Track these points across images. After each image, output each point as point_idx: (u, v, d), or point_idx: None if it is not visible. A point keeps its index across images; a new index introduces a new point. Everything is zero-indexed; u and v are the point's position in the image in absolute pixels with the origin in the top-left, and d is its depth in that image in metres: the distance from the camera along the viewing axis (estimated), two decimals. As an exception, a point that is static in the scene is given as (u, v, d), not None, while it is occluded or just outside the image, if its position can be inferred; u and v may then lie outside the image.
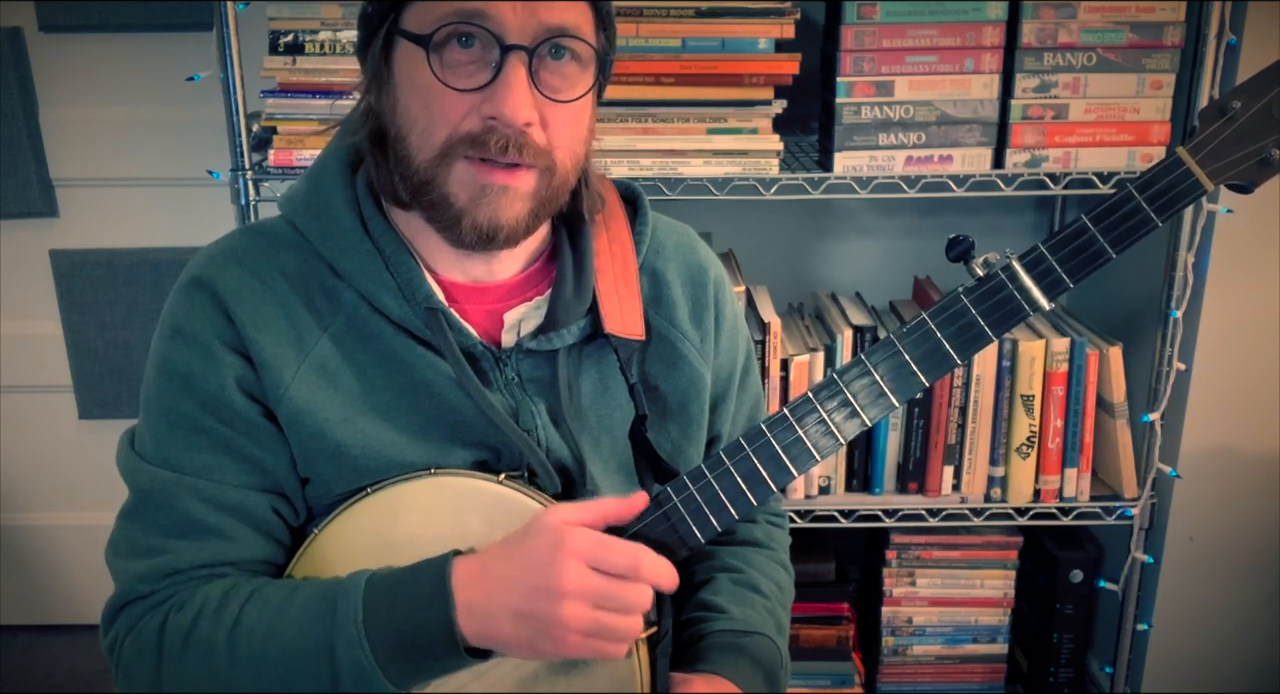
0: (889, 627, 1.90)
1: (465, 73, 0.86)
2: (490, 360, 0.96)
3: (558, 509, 0.85)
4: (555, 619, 0.81)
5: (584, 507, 0.86)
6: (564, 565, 0.81)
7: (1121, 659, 1.78)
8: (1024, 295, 0.87)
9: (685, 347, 1.04)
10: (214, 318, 0.92)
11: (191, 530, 0.91)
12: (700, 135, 1.56)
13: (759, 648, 1.03)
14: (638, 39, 1.53)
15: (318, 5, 1.53)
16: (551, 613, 0.81)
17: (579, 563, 0.81)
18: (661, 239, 1.06)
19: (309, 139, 1.54)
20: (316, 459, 0.93)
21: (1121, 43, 1.56)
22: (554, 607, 0.81)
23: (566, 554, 0.81)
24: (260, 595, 0.89)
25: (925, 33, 1.54)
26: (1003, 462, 1.71)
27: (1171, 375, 1.65)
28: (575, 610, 0.81)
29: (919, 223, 2.01)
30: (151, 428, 0.93)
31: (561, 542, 0.82)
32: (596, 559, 0.82)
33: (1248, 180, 0.88)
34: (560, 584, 0.81)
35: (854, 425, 0.90)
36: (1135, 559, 1.72)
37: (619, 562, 0.82)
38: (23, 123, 2.02)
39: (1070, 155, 1.59)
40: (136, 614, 0.91)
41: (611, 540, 0.83)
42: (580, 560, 0.82)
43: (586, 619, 0.81)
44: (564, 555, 0.81)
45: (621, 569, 0.82)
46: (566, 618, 0.81)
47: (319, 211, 0.95)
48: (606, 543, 0.83)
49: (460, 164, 0.88)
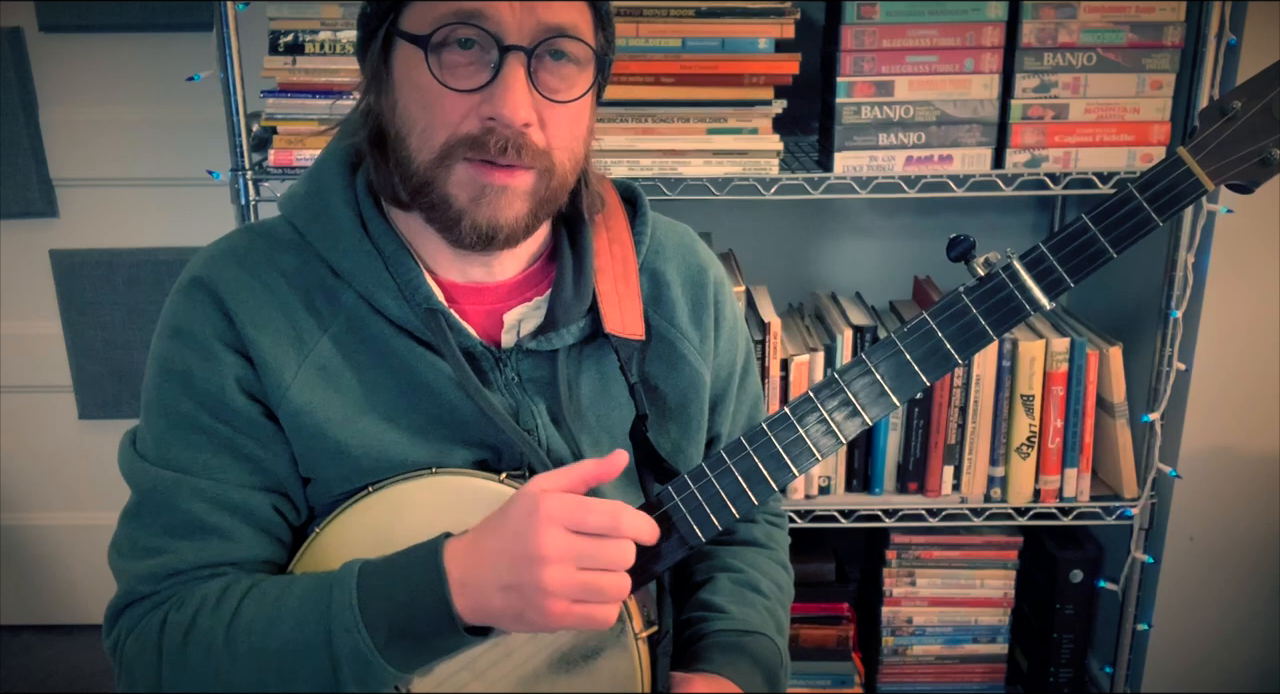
0: (889, 627, 1.90)
1: (464, 74, 0.86)
2: (490, 361, 0.96)
3: (537, 478, 0.85)
4: (539, 586, 0.80)
5: (562, 472, 0.85)
6: (541, 531, 0.80)
7: (1121, 659, 1.78)
8: (1025, 295, 0.88)
9: (685, 347, 1.04)
10: (214, 318, 0.92)
11: (193, 530, 0.91)
12: (700, 135, 1.56)
13: (759, 648, 1.03)
14: (638, 39, 1.53)
15: (318, 5, 1.53)
16: (535, 580, 0.80)
17: (556, 527, 0.81)
18: (661, 239, 1.07)
19: (309, 139, 1.54)
20: (317, 459, 0.93)
21: (1121, 43, 1.56)
22: (536, 573, 0.80)
23: (542, 520, 0.81)
24: (257, 590, 0.89)
25: (925, 33, 1.54)
26: (1003, 462, 1.71)
27: (1171, 375, 1.65)
28: (558, 574, 0.80)
29: (919, 223, 2.01)
30: (152, 428, 0.93)
31: (536, 508, 0.81)
32: (574, 521, 0.81)
33: (1248, 180, 0.88)
34: (539, 551, 0.80)
35: (855, 425, 0.90)
36: (1135, 559, 1.72)
37: (597, 521, 0.81)
38: (23, 123, 2.03)
39: (1070, 155, 1.59)
40: (138, 614, 0.91)
41: (588, 501, 0.82)
42: (558, 525, 0.81)
43: (571, 582, 0.80)
44: (540, 521, 0.81)
45: (601, 528, 0.81)
46: (550, 583, 0.80)
47: (319, 212, 0.95)
48: (583, 504, 0.82)
49: (460, 165, 0.88)
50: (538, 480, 0.84)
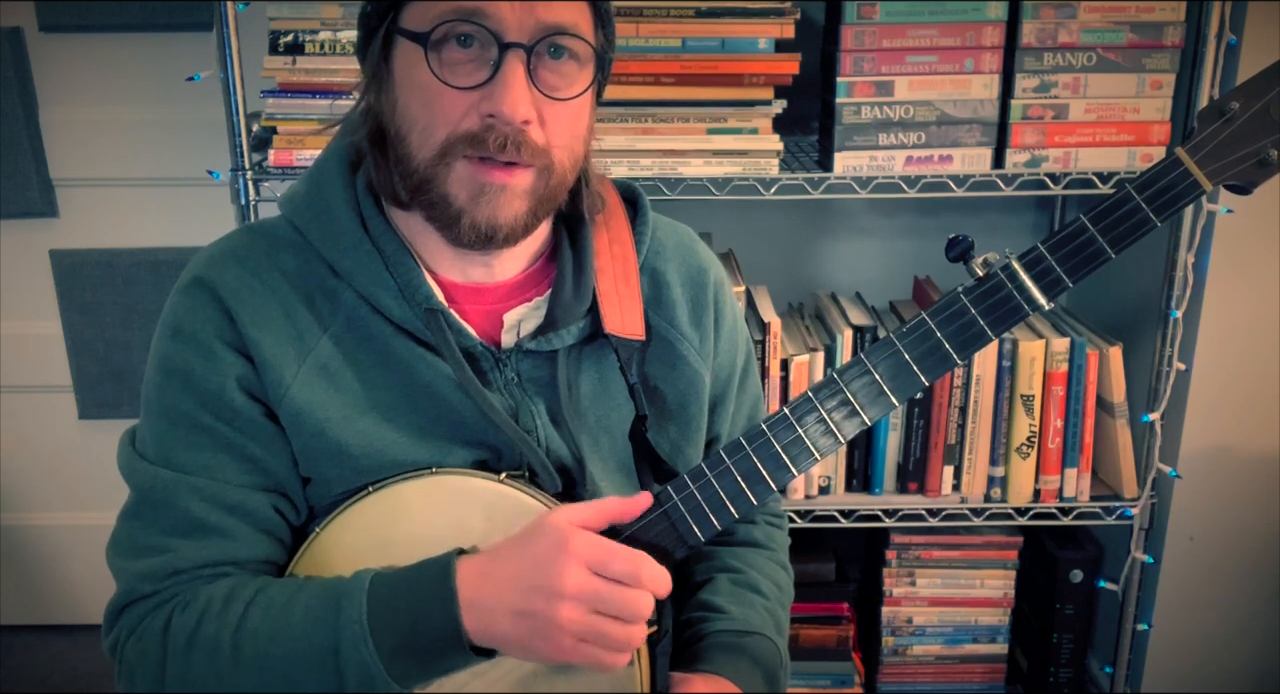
0: (889, 627, 1.90)
1: (464, 71, 0.87)
2: (490, 361, 0.96)
3: (563, 510, 0.86)
4: (552, 620, 0.81)
5: (587, 507, 0.87)
6: (565, 567, 0.81)
7: (1121, 659, 1.78)
8: (1023, 295, 0.88)
9: (684, 347, 1.04)
10: (214, 317, 0.92)
11: (193, 530, 0.91)
12: (700, 135, 1.56)
13: (759, 648, 1.03)
14: (638, 39, 1.53)
15: (318, 5, 1.53)
16: (550, 613, 0.81)
17: (580, 565, 0.82)
18: (661, 239, 1.07)
19: (309, 139, 1.54)
20: (317, 459, 0.93)
21: (1121, 43, 1.56)
22: (552, 607, 0.81)
23: (569, 556, 0.82)
24: (264, 595, 0.89)
25: (925, 33, 1.54)
26: (1003, 462, 1.71)
27: (1171, 375, 1.65)
28: (573, 612, 0.81)
29: (919, 223, 2.01)
30: (152, 427, 0.93)
31: (565, 543, 0.82)
32: (598, 563, 0.82)
33: (1246, 181, 0.88)
34: (560, 585, 0.81)
35: (854, 425, 0.90)
36: (1135, 559, 1.72)
37: (620, 568, 0.83)
38: (23, 123, 2.03)
39: (1070, 155, 1.59)
40: (139, 614, 0.91)
41: (615, 546, 0.84)
42: (582, 563, 0.82)
43: (583, 623, 0.82)
44: (566, 557, 0.82)
45: (622, 575, 0.83)
46: (563, 619, 0.81)
47: (319, 212, 0.95)
48: (610, 548, 0.83)
49: (459, 163, 0.88)
50: (563, 512, 0.85)
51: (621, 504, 0.88)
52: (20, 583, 2.31)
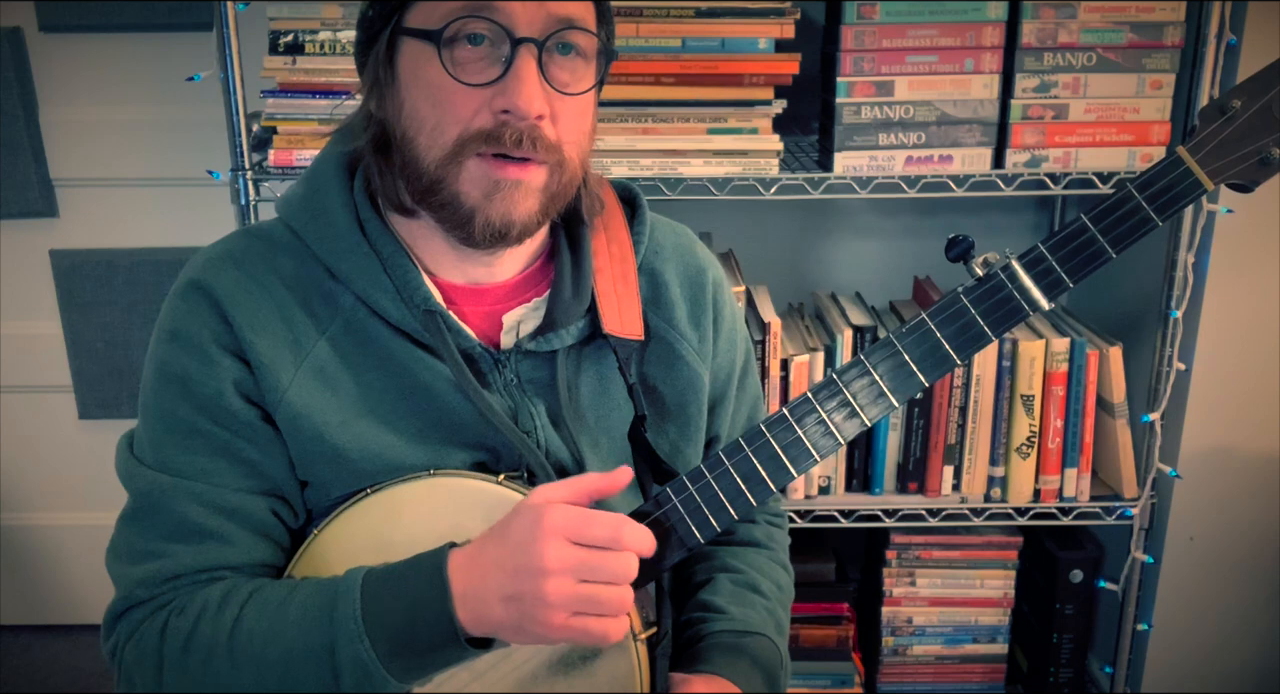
0: (889, 627, 1.90)
1: (475, 69, 0.86)
2: (489, 362, 0.96)
3: (540, 490, 0.85)
4: (541, 598, 0.80)
5: (564, 484, 0.85)
6: (544, 543, 0.80)
7: (1121, 659, 1.78)
8: (1024, 295, 0.87)
9: (683, 347, 1.04)
10: (211, 321, 0.91)
11: (190, 534, 0.91)
12: (700, 135, 1.56)
13: (759, 648, 1.03)
14: (638, 39, 1.53)
15: (318, 5, 1.53)
16: (537, 592, 0.80)
17: (559, 539, 0.81)
18: (660, 240, 1.07)
19: (309, 139, 1.54)
20: (315, 462, 0.93)
21: (1121, 43, 1.55)
22: (538, 585, 0.80)
23: (545, 531, 0.81)
24: (259, 596, 0.89)
25: (925, 33, 1.54)
26: (1003, 462, 1.71)
27: (1171, 375, 1.65)
28: (559, 586, 0.80)
29: (919, 223, 2.01)
30: (149, 432, 0.93)
31: (540, 520, 0.81)
32: (576, 534, 0.81)
33: (1248, 180, 0.88)
34: (542, 562, 0.80)
35: (853, 425, 0.90)
36: (1135, 559, 1.72)
37: (599, 534, 0.81)
38: (23, 123, 2.02)
39: (1070, 155, 1.59)
40: (137, 619, 0.91)
41: (591, 513, 0.82)
42: (560, 537, 0.81)
43: (571, 594, 0.81)
44: (543, 533, 0.81)
45: (603, 540, 0.81)
46: (551, 595, 0.80)
47: (316, 214, 0.95)
48: (586, 516, 0.82)
49: (472, 161, 0.88)
50: (540, 491, 0.85)
51: (601, 478, 0.86)
52: (20, 583, 2.31)
